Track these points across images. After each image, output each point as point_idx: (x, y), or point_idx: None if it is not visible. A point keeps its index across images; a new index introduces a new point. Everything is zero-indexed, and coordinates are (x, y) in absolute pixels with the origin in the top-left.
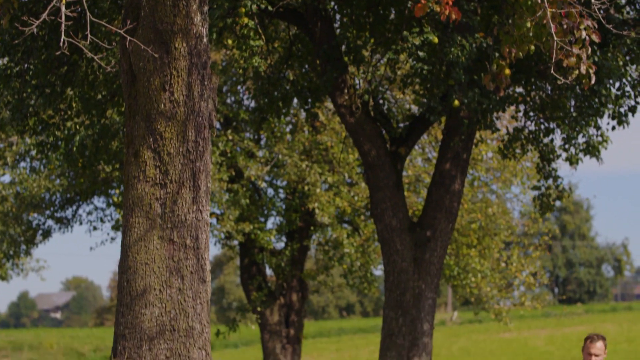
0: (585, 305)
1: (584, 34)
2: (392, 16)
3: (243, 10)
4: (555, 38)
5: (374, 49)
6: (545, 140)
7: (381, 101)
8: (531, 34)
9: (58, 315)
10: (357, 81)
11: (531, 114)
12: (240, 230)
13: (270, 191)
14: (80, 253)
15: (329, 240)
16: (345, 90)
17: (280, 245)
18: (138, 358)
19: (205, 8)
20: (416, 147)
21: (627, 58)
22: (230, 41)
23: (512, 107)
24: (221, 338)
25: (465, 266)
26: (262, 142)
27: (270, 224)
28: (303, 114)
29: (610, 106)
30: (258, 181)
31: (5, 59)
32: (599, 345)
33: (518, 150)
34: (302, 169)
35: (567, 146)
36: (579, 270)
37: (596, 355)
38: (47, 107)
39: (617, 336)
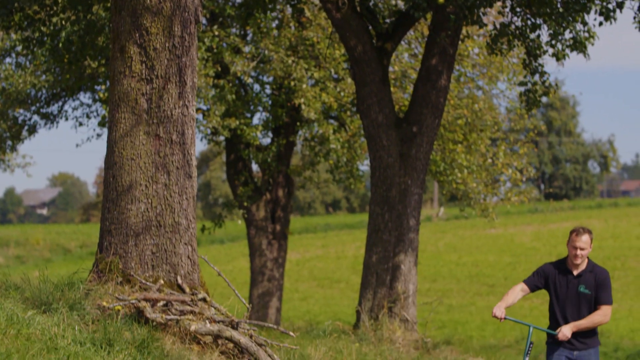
0: (571, 201)
1: None
2: None
3: None
4: None
5: None
6: (532, 35)
7: None
8: None
9: (44, 211)
10: None
11: (518, 9)
12: (226, 125)
13: (257, 87)
14: (66, 149)
15: (315, 136)
16: None
17: (267, 140)
18: (124, 253)
19: None
20: (402, 42)
21: None
22: None
23: (499, 3)
24: (207, 234)
25: (452, 162)
26: (248, 38)
27: (256, 120)
28: (289, 10)
29: (597, 2)
30: (244, 77)
31: None
32: (584, 238)
33: (504, 46)
34: (288, 65)
35: (553, 42)
36: (565, 167)
37: (581, 249)
38: (32, 2)
39: (602, 232)
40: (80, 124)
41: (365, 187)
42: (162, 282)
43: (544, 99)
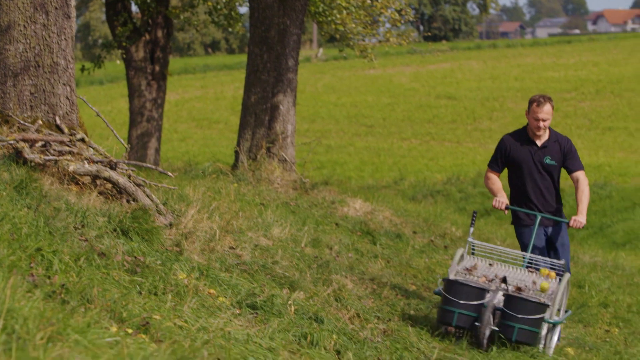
0: (450, 42)
1: None
2: None
3: None
4: None
5: None
6: None
7: None
8: None
9: None
10: None
11: None
12: None
13: None
14: None
15: None
16: None
17: None
18: (2, 94)
19: None
20: None
21: None
22: None
23: None
24: (86, 74)
25: (331, 2)
26: None
27: None
28: None
29: None
30: None
31: None
32: (546, 108)
33: None
34: None
35: None
36: (445, 8)
37: (543, 120)
38: None
39: (481, 73)
40: None
41: (245, 28)
42: (40, 122)
43: None
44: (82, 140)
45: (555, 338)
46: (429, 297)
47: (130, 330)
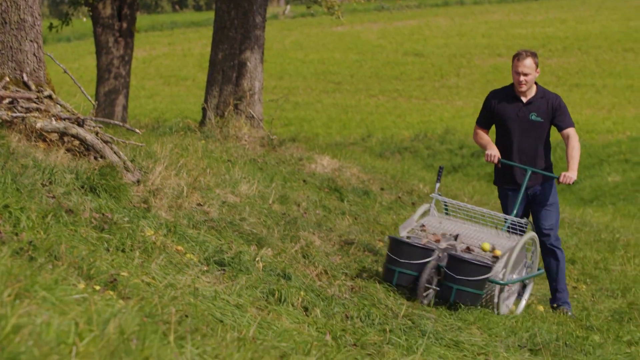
0: None
1: None
2: None
3: None
4: None
5: None
6: None
7: None
8: None
9: None
10: None
11: None
12: None
13: None
14: None
15: None
16: None
17: None
18: None
19: None
20: None
21: None
22: None
23: None
24: (54, 32)
25: None
26: None
27: None
28: None
29: None
30: None
31: None
32: (527, 62)
33: None
34: None
35: None
36: None
37: (525, 75)
38: None
39: (448, 30)
40: None
41: None
42: (7, 79)
43: None
44: (50, 97)
45: (526, 296)
46: None
47: (98, 287)
